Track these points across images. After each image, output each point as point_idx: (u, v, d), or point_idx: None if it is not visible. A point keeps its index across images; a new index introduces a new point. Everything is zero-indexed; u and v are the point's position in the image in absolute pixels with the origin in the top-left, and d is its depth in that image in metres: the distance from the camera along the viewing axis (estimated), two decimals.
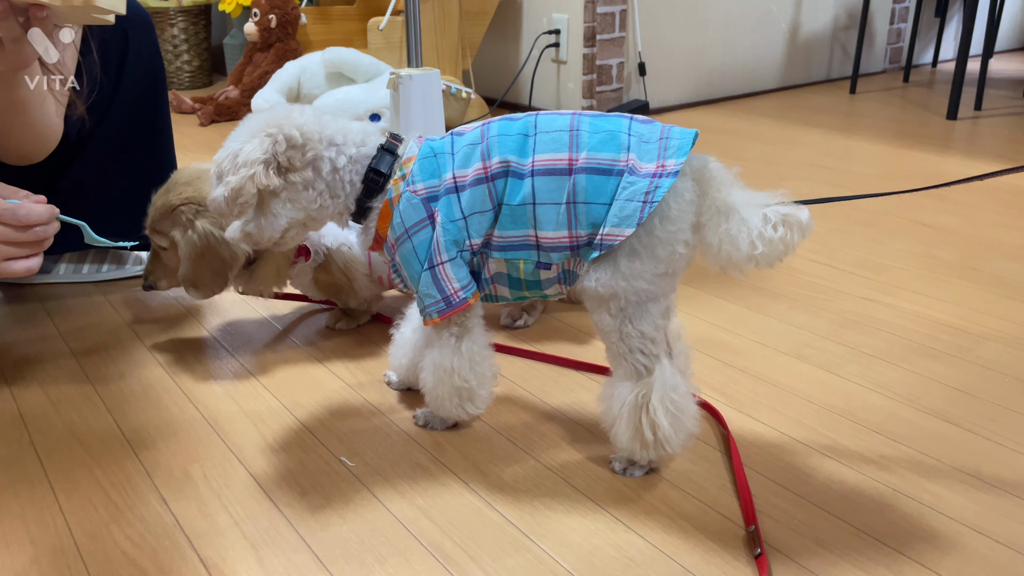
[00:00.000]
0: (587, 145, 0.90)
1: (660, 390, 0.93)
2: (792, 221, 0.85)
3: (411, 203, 0.95)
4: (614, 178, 0.88)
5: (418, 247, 0.95)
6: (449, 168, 0.95)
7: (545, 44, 2.94)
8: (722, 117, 3.00)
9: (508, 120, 0.95)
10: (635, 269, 0.89)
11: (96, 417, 1.12)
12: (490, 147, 0.93)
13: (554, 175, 0.90)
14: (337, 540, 0.88)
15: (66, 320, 1.41)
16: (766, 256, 0.85)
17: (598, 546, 0.87)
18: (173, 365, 1.26)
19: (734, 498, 0.94)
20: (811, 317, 1.40)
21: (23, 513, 0.92)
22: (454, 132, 0.98)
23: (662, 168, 0.87)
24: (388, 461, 1.02)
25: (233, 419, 1.11)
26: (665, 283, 0.92)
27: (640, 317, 0.91)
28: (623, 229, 0.87)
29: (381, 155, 0.96)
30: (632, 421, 0.93)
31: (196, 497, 0.95)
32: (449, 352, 1.00)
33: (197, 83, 3.70)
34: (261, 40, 3.05)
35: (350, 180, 0.97)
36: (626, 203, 0.87)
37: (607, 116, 0.93)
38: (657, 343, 0.93)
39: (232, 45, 3.66)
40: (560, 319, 1.40)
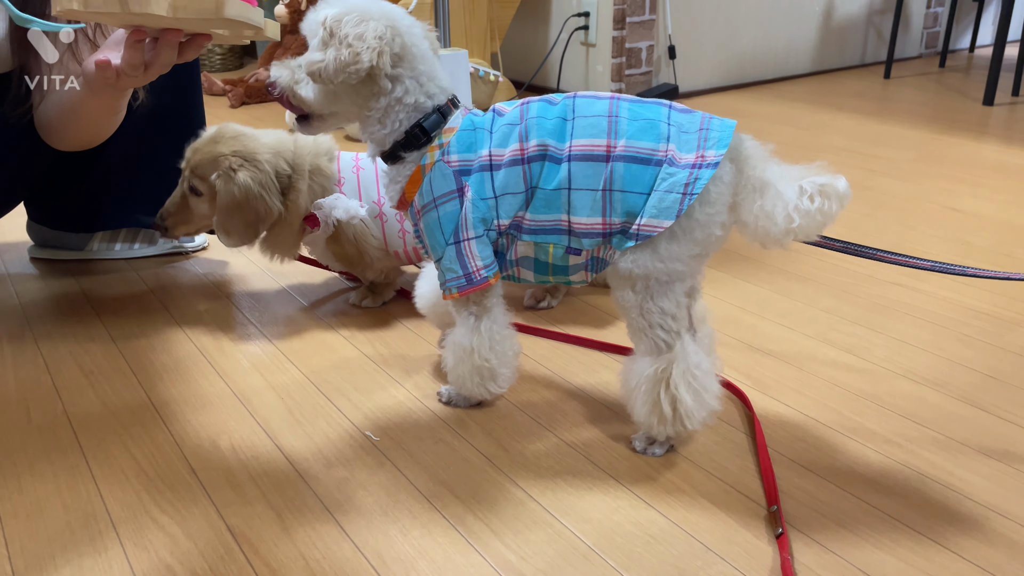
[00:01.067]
0: (626, 132, 0.89)
1: (682, 365, 0.93)
2: (829, 191, 0.85)
3: (443, 173, 0.95)
4: (652, 168, 0.88)
5: (443, 218, 0.95)
6: (486, 145, 0.95)
7: (574, 27, 2.92)
8: (753, 102, 2.97)
9: (547, 102, 0.94)
10: (673, 251, 0.89)
11: (127, 389, 1.14)
12: (528, 128, 0.93)
13: (591, 161, 0.90)
14: (361, 512, 0.89)
15: (99, 296, 1.44)
16: (804, 228, 0.85)
17: (619, 523, 0.87)
18: (202, 340, 1.28)
19: (756, 479, 0.94)
20: (839, 301, 1.39)
21: (56, 480, 0.95)
22: (495, 109, 0.98)
23: (702, 159, 0.87)
24: (412, 436, 1.03)
25: (260, 392, 1.13)
26: (697, 264, 0.92)
27: (662, 295, 0.91)
28: (662, 220, 0.87)
29: (433, 116, 0.96)
30: (650, 395, 0.93)
31: (224, 468, 0.97)
32: (468, 331, 1.00)
33: (228, 65, 3.73)
34: (291, 22, 3.06)
35: (401, 120, 0.96)
36: (665, 194, 0.87)
37: (646, 102, 0.92)
38: (678, 319, 0.93)
39: None
40: (585, 300, 1.40)
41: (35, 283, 1.50)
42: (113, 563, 0.82)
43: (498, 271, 0.98)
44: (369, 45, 0.89)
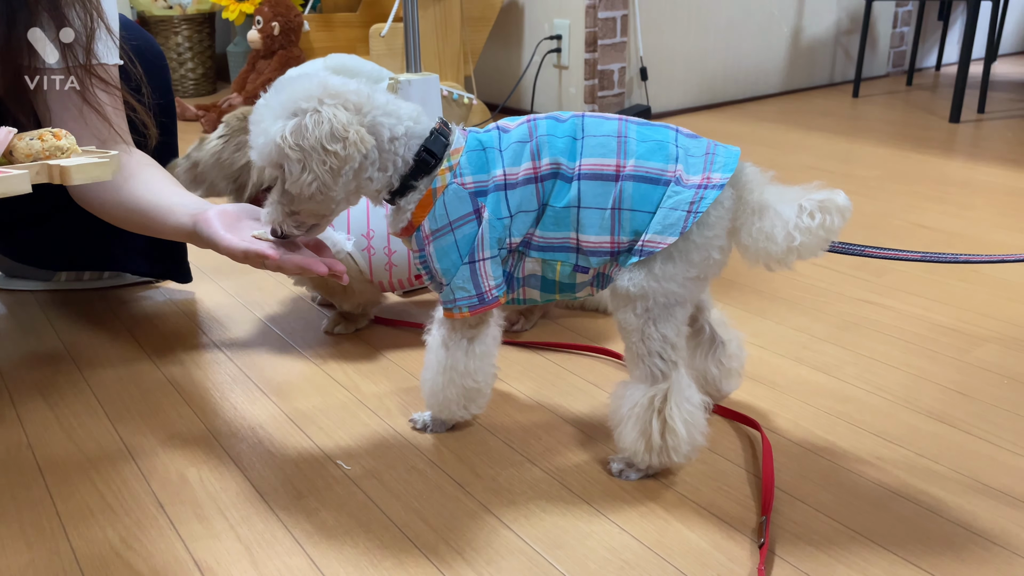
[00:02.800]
0: (635, 153, 0.90)
1: (677, 396, 0.93)
2: (829, 206, 0.86)
3: (458, 196, 0.93)
4: (661, 187, 0.89)
5: (460, 241, 0.94)
6: (499, 165, 0.94)
7: (547, 49, 2.95)
8: (724, 121, 3.00)
9: (554, 119, 0.94)
10: (668, 271, 0.89)
11: (94, 421, 1.12)
12: (539, 146, 0.93)
13: (601, 180, 0.90)
14: (332, 544, 0.88)
15: (66, 327, 1.42)
16: (807, 246, 0.86)
17: (592, 548, 0.87)
18: (171, 369, 1.26)
19: (729, 501, 0.94)
20: (810, 319, 1.40)
21: (20, 516, 0.93)
22: (499, 126, 0.97)
23: (708, 180, 0.88)
24: (384, 464, 1.02)
25: (230, 423, 1.11)
26: (695, 287, 0.92)
27: (665, 320, 0.91)
28: (665, 237, 0.88)
29: (436, 137, 0.94)
30: (640, 424, 0.93)
31: (192, 501, 0.95)
32: (462, 354, 0.99)
33: (201, 91, 3.72)
34: (264, 47, 3.06)
35: (402, 155, 0.94)
36: (670, 211, 0.88)
37: (653, 124, 0.93)
38: (677, 349, 0.93)
39: (236, 53, 3.68)
40: (561, 324, 1.40)
41: (1, 315, 1.47)
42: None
43: (506, 291, 0.98)
44: (348, 138, 0.86)
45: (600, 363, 1.27)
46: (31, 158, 0.93)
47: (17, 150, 0.93)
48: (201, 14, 3.61)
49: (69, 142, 0.96)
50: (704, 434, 0.95)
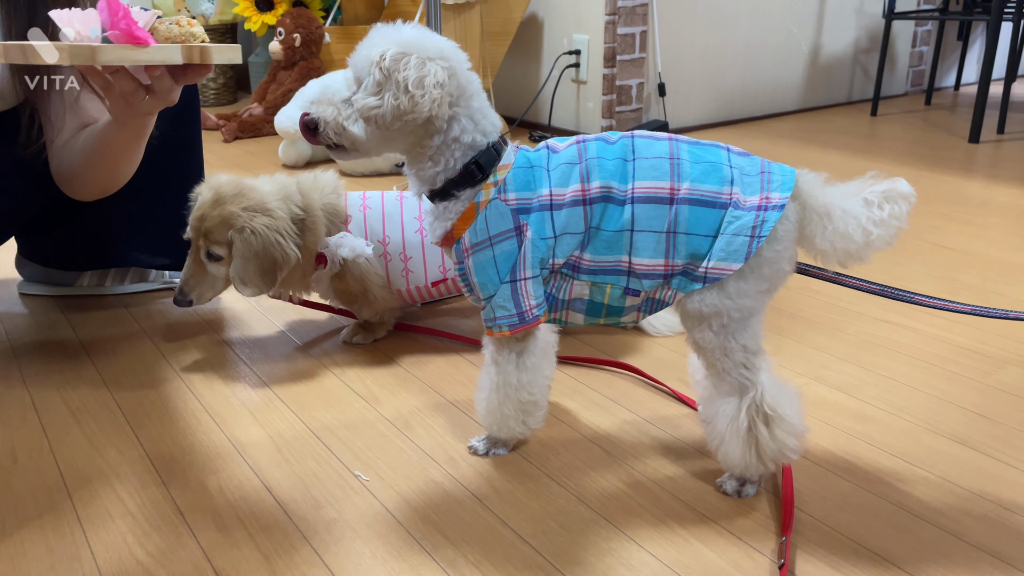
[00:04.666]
0: (689, 175, 0.90)
1: (773, 392, 0.93)
2: (894, 194, 0.87)
3: (500, 211, 0.94)
4: (717, 211, 0.89)
5: (499, 257, 0.94)
6: (545, 184, 0.94)
7: (565, 64, 2.96)
8: (741, 138, 3.00)
9: (604, 141, 0.95)
10: (741, 289, 0.90)
11: (115, 428, 1.13)
12: (589, 169, 0.93)
13: (655, 203, 0.91)
14: (350, 555, 0.88)
15: (88, 332, 1.43)
16: (883, 237, 0.86)
17: (611, 565, 0.87)
18: (191, 377, 1.27)
19: (749, 521, 0.93)
20: (829, 339, 1.39)
21: (41, 521, 0.93)
22: (549, 146, 0.98)
23: (767, 201, 0.88)
24: (402, 476, 1.02)
25: (249, 432, 1.12)
26: (767, 298, 0.93)
27: (743, 331, 0.92)
28: (730, 264, 0.88)
29: (489, 152, 0.95)
30: (744, 436, 0.92)
31: (212, 509, 0.96)
32: (513, 369, 0.99)
33: (222, 100, 3.75)
34: (285, 58, 3.09)
35: (456, 159, 0.94)
36: (733, 238, 0.88)
37: (704, 144, 0.93)
38: (759, 355, 0.93)
39: (257, 63, 3.72)
40: (580, 339, 1.40)
41: (24, 320, 1.49)
42: None
43: (547, 311, 0.98)
44: (429, 94, 0.87)
45: (619, 378, 1.27)
46: (169, 41, 1.00)
47: (158, 32, 1.00)
48: (223, 25, 3.65)
49: (200, 31, 1.03)
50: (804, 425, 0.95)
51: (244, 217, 1.22)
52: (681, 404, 1.19)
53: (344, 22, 3.51)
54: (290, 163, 2.58)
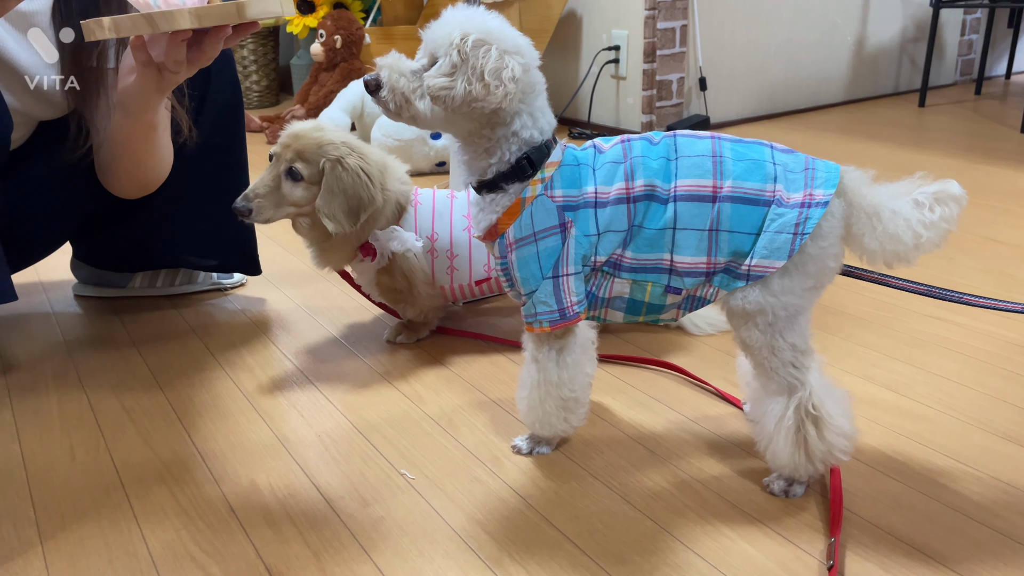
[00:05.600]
0: (732, 173, 0.90)
1: (823, 393, 0.92)
2: (944, 196, 0.86)
3: (546, 207, 0.95)
4: (760, 208, 0.89)
5: (542, 253, 0.95)
6: (591, 182, 0.95)
7: (605, 60, 2.95)
8: (784, 132, 2.96)
9: (647, 141, 0.95)
10: (786, 286, 0.89)
11: (168, 426, 1.16)
12: (634, 168, 0.93)
13: (697, 201, 0.91)
14: (397, 551, 0.89)
15: (140, 332, 1.47)
16: (932, 240, 0.86)
17: (656, 565, 0.86)
18: (240, 376, 1.30)
19: (797, 522, 0.92)
20: (878, 336, 1.37)
21: (99, 517, 0.96)
22: (595, 145, 0.98)
23: (810, 198, 0.88)
24: (447, 474, 1.03)
25: (297, 431, 1.14)
26: (814, 296, 0.92)
27: (790, 329, 0.91)
28: (773, 261, 0.88)
29: (541, 149, 0.96)
30: (792, 437, 0.92)
31: (262, 506, 0.98)
32: (554, 366, 1.00)
33: (265, 102, 3.81)
34: (327, 60, 3.13)
35: (511, 153, 0.95)
36: (776, 235, 0.88)
37: (747, 142, 0.93)
38: (807, 354, 0.92)
39: (299, 65, 3.77)
40: (622, 337, 1.40)
41: (79, 320, 1.53)
42: None
43: (586, 308, 0.98)
44: (504, 86, 0.88)
45: (662, 377, 1.26)
46: None
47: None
48: (265, 28, 3.70)
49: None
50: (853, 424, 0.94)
51: (342, 149, 1.24)
52: (726, 403, 1.18)
53: (384, 23, 3.53)
54: None
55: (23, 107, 1.27)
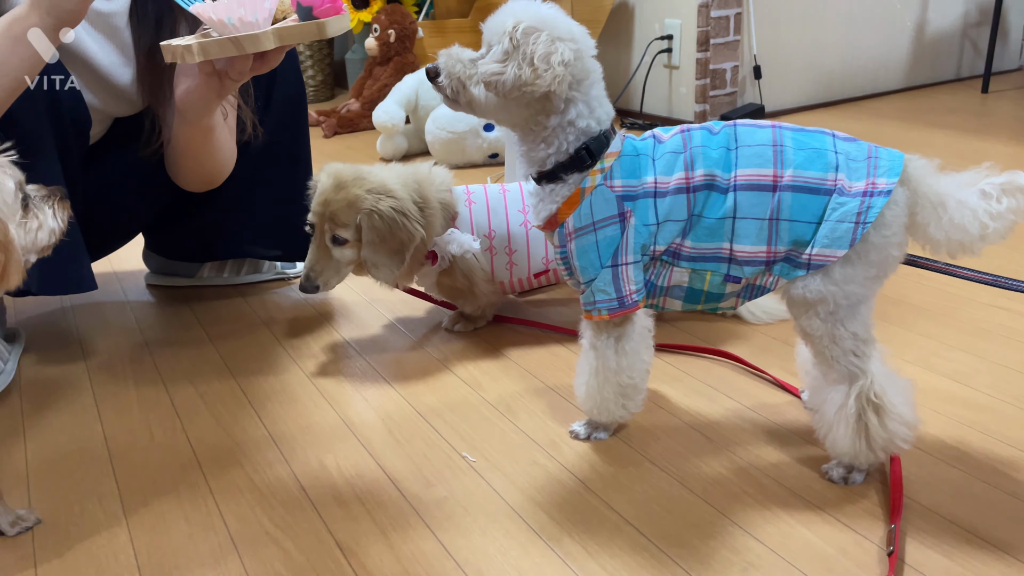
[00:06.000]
0: (793, 162, 0.91)
1: (884, 382, 0.92)
2: (1012, 188, 0.85)
3: (605, 197, 0.96)
4: (821, 197, 0.89)
5: (601, 242, 0.97)
6: (650, 172, 0.96)
7: (657, 50, 2.93)
8: (842, 120, 2.91)
9: (707, 131, 0.96)
10: (847, 275, 0.90)
11: (239, 409, 1.21)
12: (693, 158, 0.95)
13: (757, 190, 0.91)
14: (460, 530, 0.92)
15: (209, 320, 1.53)
16: (998, 231, 0.85)
17: (715, 548, 0.88)
18: (306, 362, 1.34)
19: (857, 509, 0.93)
20: (940, 326, 1.35)
21: (179, 495, 1.01)
22: (655, 135, 0.99)
23: (873, 186, 0.88)
24: (507, 458, 1.06)
25: (362, 414, 1.18)
26: (876, 285, 0.92)
27: (852, 318, 0.91)
28: (834, 250, 0.89)
29: (600, 139, 0.97)
30: (853, 425, 0.92)
31: (330, 485, 1.02)
32: (612, 353, 1.01)
33: (320, 97, 3.88)
34: (381, 54, 3.18)
35: (569, 143, 0.97)
36: (837, 224, 0.88)
37: (808, 131, 0.93)
38: (869, 343, 0.93)
39: (353, 60, 3.83)
40: (676, 326, 1.41)
41: (151, 308, 1.60)
42: (232, 574, 0.87)
43: (645, 297, 1.00)
44: (552, 70, 0.90)
45: (719, 366, 1.27)
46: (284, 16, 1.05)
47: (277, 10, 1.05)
48: None
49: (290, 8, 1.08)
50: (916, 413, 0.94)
51: (370, 199, 1.24)
52: (784, 392, 1.18)
53: (436, 16, 3.57)
54: (387, 157, 2.66)
55: (101, 105, 1.33)
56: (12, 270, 0.79)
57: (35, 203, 0.84)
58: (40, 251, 0.85)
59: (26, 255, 0.82)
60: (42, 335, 1.48)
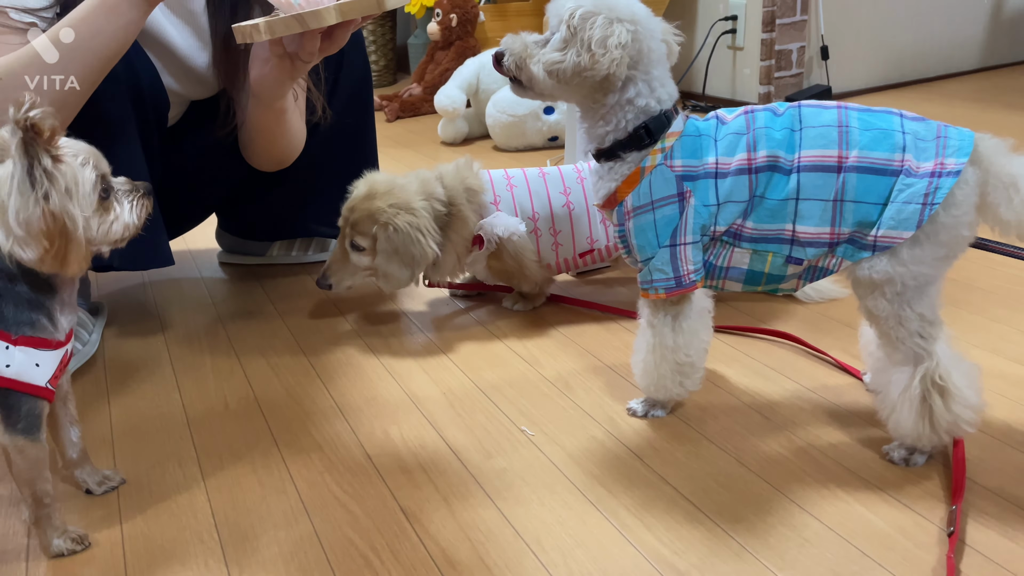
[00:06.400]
0: (858, 143, 0.90)
1: (949, 363, 0.91)
2: None
3: (664, 176, 0.97)
4: (888, 178, 0.89)
5: (660, 221, 0.98)
6: (712, 153, 0.97)
7: (721, 31, 2.89)
8: (913, 102, 2.83)
9: (771, 112, 0.96)
10: (916, 255, 0.89)
11: (308, 380, 1.26)
12: (756, 139, 0.95)
13: (821, 171, 0.91)
14: (519, 500, 0.95)
15: (280, 297, 1.58)
16: None
17: (772, 525, 0.89)
18: (370, 338, 1.39)
19: (917, 489, 0.92)
20: (1009, 310, 1.32)
21: (252, 459, 1.06)
22: (718, 116, 1.00)
23: (941, 167, 0.87)
24: (565, 432, 1.08)
25: (424, 388, 1.21)
26: (945, 266, 0.91)
27: (919, 300, 0.91)
28: (901, 232, 0.88)
29: (660, 118, 0.98)
30: (917, 406, 0.91)
31: (395, 454, 1.05)
32: (669, 331, 1.02)
33: (383, 82, 3.94)
34: (443, 39, 3.21)
35: (627, 121, 0.98)
36: (904, 205, 0.88)
37: (875, 111, 0.93)
38: (936, 326, 0.92)
39: (416, 44, 3.87)
40: (734, 306, 1.41)
41: (224, 285, 1.67)
42: (303, 535, 0.92)
43: (703, 276, 1.00)
44: (610, 54, 0.91)
45: (778, 346, 1.27)
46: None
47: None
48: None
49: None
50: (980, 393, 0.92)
51: (389, 213, 1.29)
52: (845, 373, 1.17)
53: (498, 0, 3.58)
54: (448, 140, 2.69)
55: (179, 88, 1.39)
56: (72, 258, 0.82)
57: (116, 196, 0.87)
58: (112, 243, 0.87)
59: (96, 246, 0.85)
60: (123, 309, 1.56)
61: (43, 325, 0.84)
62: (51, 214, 0.79)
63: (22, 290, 0.83)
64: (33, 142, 0.77)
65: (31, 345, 0.83)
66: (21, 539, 0.93)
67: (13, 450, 0.85)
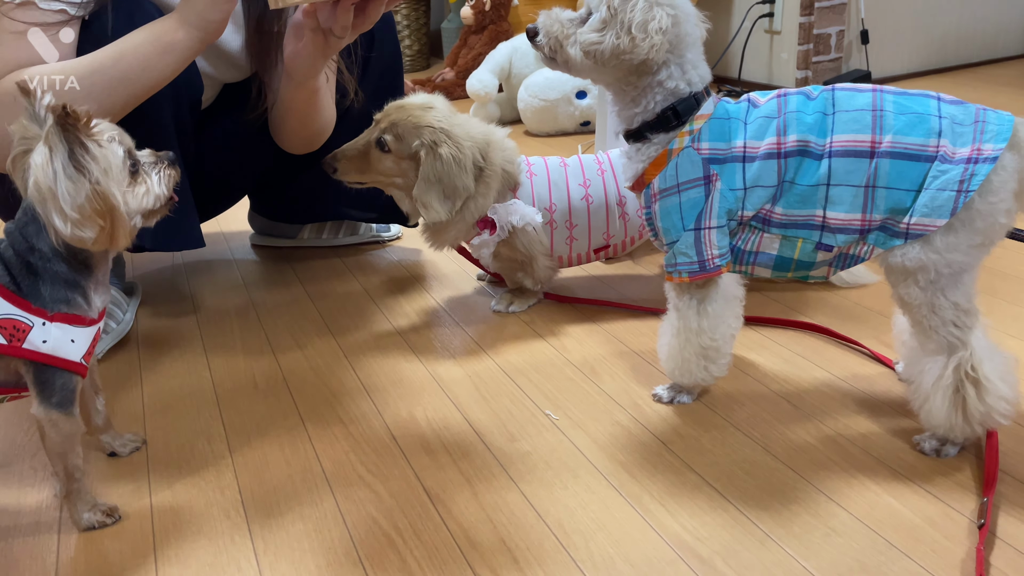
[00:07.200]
0: (892, 128, 0.88)
1: (984, 354, 0.89)
2: None
3: (691, 159, 0.96)
4: (922, 164, 0.87)
5: (685, 204, 0.97)
6: (740, 136, 0.96)
7: (758, 14, 2.85)
8: (956, 88, 2.76)
9: (804, 96, 0.94)
10: (950, 243, 0.87)
11: (336, 362, 1.27)
12: (787, 123, 0.93)
13: (854, 157, 0.89)
14: (543, 483, 0.95)
15: (310, 280, 1.60)
16: None
17: (796, 513, 0.88)
18: (398, 320, 1.39)
19: (947, 480, 0.91)
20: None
21: (279, 438, 1.08)
22: (750, 99, 0.99)
23: (978, 153, 0.85)
24: (589, 417, 1.08)
25: (450, 371, 1.22)
26: (981, 253, 0.89)
27: (953, 288, 0.89)
28: (934, 219, 0.86)
29: (689, 100, 0.97)
30: (950, 397, 0.89)
31: (419, 435, 1.06)
32: (694, 314, 1.01)
33: (416, 66, 3.94)
34: (476, 23, 3.20)
35: (656, 103, 0.97)
36: (938, 192, 0.86)
37: (912, 95, 0.90)
38: (971, 314, 0.90)
39: (449, 29, 3.86)
40: (766, 295, 1.39)
41: (256, 266, 1.69)
42: (327, 513, 0.93)
43: (730, 261, 0.99)
44: (651, 39, 0.91)
45: (807, 336, 1.25)
46: None
47: None
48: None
49: None
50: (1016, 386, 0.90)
51: (438, 136, 1.24)
52: (876, 363, 1.15)
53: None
54: None
55: (213, 71, 1.40)
56: (119, 234, 0.84)
57: (144, 169, 0.89)
58: (146, 215, 0.89)
59: (132, 219, 0.88)
60: (157, 289, 1.59)
61: (78, 303, 0.86)
62: (100, 195, 0.81)
63: (60, 269, 0.85)
64: (71, 128, 0.79)
65: (67, 322, 0.85)
66: (53, 513, 0.95)
67: (47, 423, 0.86)
